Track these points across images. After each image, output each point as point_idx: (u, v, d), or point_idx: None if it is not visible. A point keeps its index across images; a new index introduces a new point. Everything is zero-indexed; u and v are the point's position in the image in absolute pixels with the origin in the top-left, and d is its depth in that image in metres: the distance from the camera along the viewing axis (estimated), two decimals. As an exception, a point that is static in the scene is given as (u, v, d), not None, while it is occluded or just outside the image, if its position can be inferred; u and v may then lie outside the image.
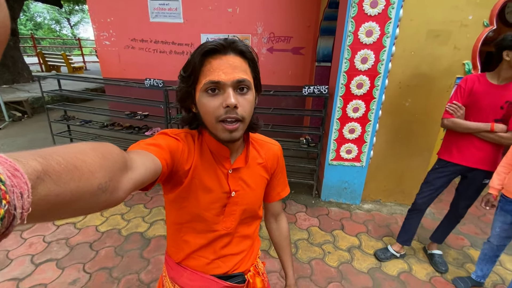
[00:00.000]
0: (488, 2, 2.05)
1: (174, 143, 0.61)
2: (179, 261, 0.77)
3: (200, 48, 0.58)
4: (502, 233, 1.61)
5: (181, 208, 0.70)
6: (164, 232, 2.30)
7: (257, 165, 0.75)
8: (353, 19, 2.16)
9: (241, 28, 4.19)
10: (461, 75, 2.25)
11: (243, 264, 0.81)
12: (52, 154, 0.26)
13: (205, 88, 0.58)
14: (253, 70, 0.62)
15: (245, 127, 0.63)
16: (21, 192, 0.21)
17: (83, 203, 0.29)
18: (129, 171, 0.40)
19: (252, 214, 0.78)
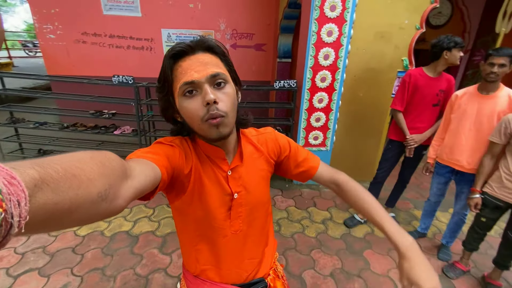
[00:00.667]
0: (419, 9, 2.53)
1: (171, 150, 0.60)
2: (197, 274, 0.76)
3: (167, 53, 0.59)
4: (437, 192, 2.09)
5: (188, 215, 0.69)
6: (151, 228, 2.33)
7: (255, 160, 0.73)
8: (316, 20, 2.45)
9: (204, 24, 4.23)
10: (401, 69, 2.74)
11: (262, 268, 0.79)
12: (49, 163, 0.26)
13: (182, 92, 0.57)
14: (226, 63, 0.62)
15: (231, 122, 0.61)
16: (18, 200, 0.20)
17: (83, 212, 0.29)
18: (128, 179, 0.39)
19: (261, 212, 0.76)
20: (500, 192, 1.61)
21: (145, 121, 3.08)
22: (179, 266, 1.93)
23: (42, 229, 0.26)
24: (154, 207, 2.63)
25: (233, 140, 0.69)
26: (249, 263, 0.76)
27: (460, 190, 1.94)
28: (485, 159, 1.66)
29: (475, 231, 1.83)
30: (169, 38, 4.31)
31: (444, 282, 1.89)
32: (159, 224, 2.39)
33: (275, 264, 0.87)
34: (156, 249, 2.10)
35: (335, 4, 2.39)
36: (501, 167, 1.61)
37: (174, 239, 2.20)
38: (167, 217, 2.48)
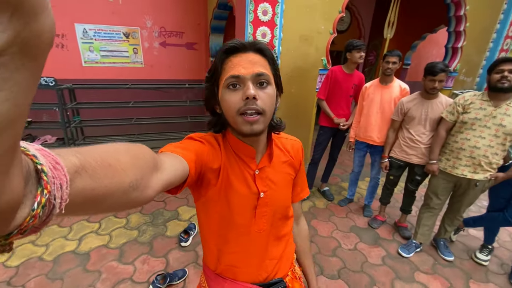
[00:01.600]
0: (331, 17, 3.06)
1: (200, 146, 0.62)
2: (218, 272, 0.77)
3: (222, 47, 0.63)
4: (359, 163, 2.65)
5: (213, 213, 0.70)
6: (101, 242, 2.15)
7: (282, 164, 0.75)
8: (251, 23, 2.69)
9: (127, 20, 3.94)
10: (322, 68, 3.25)
11: (281, 268, 0.80)
12: (89, 152, 0.28)
13: (227, 84, 0.60)
14: (272, 67, 0.65)
15: (266, 121, 0.63)
16: (61, 183, 0.22)
17: (115, 199, 0.31)
18: (158, 171, 0.41)
19: (284, 214, 0.78)
20: (400, 155, 2.20)
21: (72, 128, 2.73)
22: (146, 271, 1.89)
23: (79, 211, 0.28)
24: (99, 221, 2.41)
25: (263, 141, 0.71)
26: (269, 263, 0.77)
27: (374, 160, 2.52)
28: (389, 133, 2.24)
29: (386, 188, 2.43)
30: (85, 34, 3.84)
31: (370, 232, 2.43)
32: (110, 236, 2.22)
33: (294, 265, 0.89)
34: (115, 261, 1.97)
35: (266, 9, 2.68)
36: (400, 137, 2.20)
37: (132, 248, 2.10)
38: (118, 228, 2.33)
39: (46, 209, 0.21)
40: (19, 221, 0.20)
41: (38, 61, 0.17)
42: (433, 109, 1.97)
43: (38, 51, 0.17)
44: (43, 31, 0.17)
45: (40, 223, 0.22)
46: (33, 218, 0.20)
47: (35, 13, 0.16)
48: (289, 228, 0.84)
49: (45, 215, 0.21)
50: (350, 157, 4.09)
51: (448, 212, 2.13)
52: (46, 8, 0.17)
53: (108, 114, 3.28)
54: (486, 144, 1.71)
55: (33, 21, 0.16)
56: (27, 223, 0.20)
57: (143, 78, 4.21)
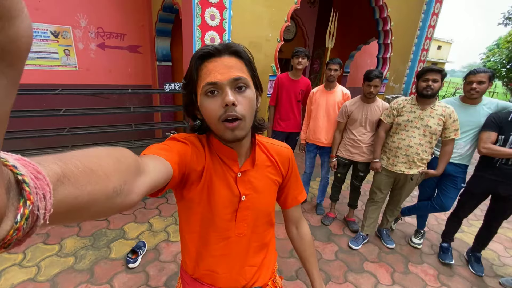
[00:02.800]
0: (277, 26, 3.18)
1: (183, 147, 0.61)
2: (196, 276, 0.76)
3: (195, 53, 0.62)
4: (310, 164, 2.77)
5: (194, 214, 0.69)
6: (27, 275, 1.81)
7: (266, 168, 0.74)
8: (199, 27, 2.62)
9: (56, 18, 3.49)
10: (271, 74, 3.34)
11: (261, 277, 0.79)
12: (70, 158, 0.27)
13: (204, 91, 0.59)
14: (249, 69, 0.64)
15: (248, 125, 0.62)
16: (44, 193, 0.21)
17: (100, 206, 0.30)
18: (142, 175, 0.40)
19: (265, 220, 0.76)
20: (345, 154, 2.37)
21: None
22: (86, 303, 1.64)
23: (63, 220, 0.27)
24: (23, 250, 2.03)
25: (246, 144, 0.70)
26: (249, 270, 0.76)
27: (323, 160, 2.67)
28: (335, 134, 2.40)
29: (335, 185, 2.59)
30: (0, 31, 3.27)
31: (323, 229, 2.55)
32: (39, 267, 1.89)
33: (275, 275, 0.87)
34: None
35: (214, 14, 2.65)
36: (344, 137, 2.38)
37: (67, 278, 1.81)
38: (49, 256, 1.99)
39: (30, 220, 0.21)
40: (2, 235, 0.19)
41: (16, 66, 0.17)
42: (372, 112, 2.18)
43: (15, 57, 0.17)
44: (20, 35, 0.16)
45: (24, 235, 0.21)
46: (16, 231, 0.20)
47: (10, 17, 0.15)
48: (271, 236, 0.83)
49: (28, 227, 0.21)
50: (301, 159, 4.26)
51: (389, 204, 2.36)
52: (21, 12, 0.16)
53: (34, 124, 2.82)
54: (417, 143, 1.94)
55: (9, 26, 0.16)
56: (11, 236, 0.19)
57: (77, 83, 3.77)
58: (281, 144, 0.80)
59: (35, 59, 3.55)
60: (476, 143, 1.97)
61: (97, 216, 0.31)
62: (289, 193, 0.82)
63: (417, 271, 2.11)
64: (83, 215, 0.29)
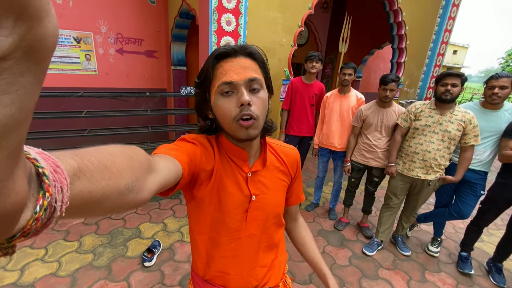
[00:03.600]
0: (291, 31, 3.22)
1: (192, 148, 0.62)
2: (207, 278, 0.75)
3: (212, 53, 0.62)
4: (323, 169, 2.76)
5: (205, 214, 0.69)
6: (49, 270, 1.88)
7: (276, 169, 0.75)
8: (215, 32, 2.69)
9: (78, 25, 3.65)
10: (285, 78, 3.37)
11: (272, 277, 0.79)
12: (86, 154, 0.28)
13: (220, 90, 0.60)
14: (263, 71, 0.65)
15: (260, 125, 0.63)
16: (61, 186, 0.22)
17: (112, 201, 0.31)
18: (153, 173, 0.41)
19: (275, 220, 0.77)
20: (360, 158, 2.36)
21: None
22: (104, 299, 1.69)
23: (77, 214, 0.28)
24: (45, 246, 2.11)
25: (256, 145, 0.71)
26: (260, 270, 0.76)
27: (336, 164, 2.66)
28: (350, 138, 2.39)
29: (349, 190, 2.57)
30: (28, 37, 3.45)
31: (336, 234, 2.53)
32: (60, 263, 1.96)
33: (285, 276, 0.87)
34: None
35: (230, 20, 2.71)
36: (359, 142, 2.36)
37: (86, 274, 1.87)
38: (69, 252, 2.06)
39: (48, 212, 0.21)
40: (23, 224, 0.20)
41: (42, 64, 0.17)
42: (388, 116, 2.16)
43: (42, 55, 0.17)
44: (47, 35, 0.17)
45: (42, 226, 0.22)
46: (35, 221, 0.21)
47: (39, 18, 0.16)
48: (281, 237, 0.83)
49: (46, 218, 0.22)
50: (314, 164, 4.25)
51: (404, 211, 2.31)
52: (49, 13, 0.17)
53: (57, 125, 2.94)
54: (435, 148, 1.91)
55: (37, 26, 0.16)
56: (30, 226, 0.20)
57: (97, 87, 3.91)
58: (288, 146, 0.81)
59: (58, 64, 3.72)
60: (497, 150, 1.92)
61: (109, 211, 0.32)
62: (293, 193, 0.84)
63: (435, 279, 2.06)
64: (97, 209, 0.30)
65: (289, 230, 0.91)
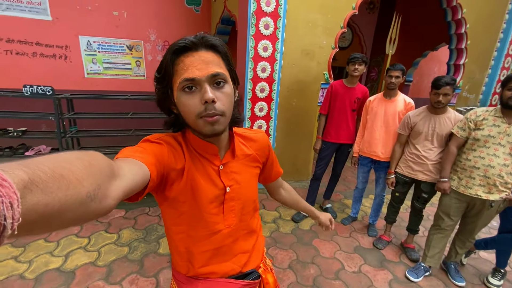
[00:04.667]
0: (332, 33, 3.07)
1: (158, 148, 0.60)
2: (191, 274, 0.75)
3: (170, 47, 0.59)
4: (363, 179, 2.54)
5: (181, 214, 0.68)
6: (89, 259, 2.02)
7: (246, 157, 0.76)
8: (253, 37, 2.68)
9: (131, 34, 3.99)
10: (323, 81, 3.23)
11: (253, 260, 0.81)
12: (37, 164, 0.26)
13: (182, 87, 0.58)
14: (227, 63, 0.62)
15: (227, 120, 0.62)
16: (11, 202, 0.20)
17: (73, 212, 0.29)
18: (117, 178, 0.39)
19: (251, 207, 0.78)
20: (406, 171, 2.11)
21: (68, 138, 2.67)
22: (134, 293, 1.75)
23: (33, 231, 0.25)
24: (88, 236, 2.28)
25: (225, 137, 0.70)
26: (242, 256, 0.78)
27: (378, 176, 2.42)
28: (395, 147, 2.15)
29: (392, 206, 2.31)
30: (89, 46, 3.88)
31: (375, 253, 2.29)
32: (99, 253, 2.09)
33: (265, 258, 0.90)
34: (101, 280, 1.83)
35: (268, 23, 2.68)
36: (406, 152, 2.12)
37: (121, 266, 1.97)
38: (108, 244, 2.20)
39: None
40: None
41: None
42: (441, 124, 1.90)
43: None
44: None
45: None
46: None
47: None
48: (257, 221, 0.85)
49: None
50: (353, 173, 3.98)
51: (459, 234, 2.00)
52: None
53: (107, 125, 3.22)
54: (501, 163, 1.61)
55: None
56: None
57: (144, 91, 4.21)
58: (256, 132, 0.81)
59: (113, 70, 4.10)
60: None
61: (71, 223, 0.30)
62: (272, 171, 0.88)
63: (498, 320, 1.72)
64: (56, 223, 0.27)
65: (281, 196, 1.00)
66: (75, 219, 0.30)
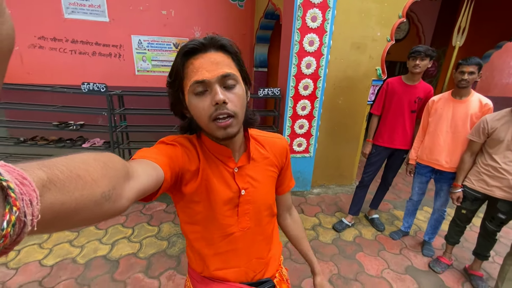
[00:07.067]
0: (389, 23, 2.75)
1: (172, 150, 0.60)
2: (205, 274, 0.75)
3: (180, 50, 0.58)
4: (419, 191, 2.22)
5: (196, 214, 0.68)
6: (132, 249, 2.11)
7: (263, 161, 0.74)
8: (298, 30, 2.52)
9: (177, 32, 4.11)
10: (375, 78, 2.92)
11: (269, 268, 0.80)
12: (56, 164, 0.27)
13: (192, 90, 0.57)
14: (237, 63, 0.62)
15: (240, 122, 0.61)
16: (30, 199, 0.21)
17: (88, 212, 0.29)
18: (131, 179, 0.40)
19: (267, 212, 0.76)
20: (478, 185, 1.77)
21: (118, 132, 2.83)
22: (170, 289, 1.77)
23: (50, 228, 0.26)
24: (133, 226, 2.40)
25: (240, 139, 0.69)
26: (256, 262, 0.76)
27: (439, 188, 2.09)
28: (465, 156, 1.82)
29: (456, 224, 1.97)
30: (140, 45, 4.10)
31: (431, 276, 1.99)
32: (141, 245, 2.17)
33: (281, 267, 0.87)
34: (141, 273, 1.89)
35: (316, 15, 2.49)
36: (478, 162, 1.77)
37: (160, 260, 2.01)
38: (150, 236, 2.28)
39: (17, 227, 0.20)
40: None
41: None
42: (530, 131, 1.54)
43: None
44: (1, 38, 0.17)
45: (11, 243, 0.21)
46: (3, 238, 0.19)
47: None
48: (274, 226, 0.83)
49: (16, 234, 0.20)
50: (405, 181, 3.58)
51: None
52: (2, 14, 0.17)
53: (154, 121, 3.36)
54: None
55: None
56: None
57: (188, 87, 4.32)
58: (274, 136, 0.79)
59: (161, 67, 4.28)
60: None
61: (86, 222, 0.31)
62: (284, 181, 0.83)
63: None
64: (72, 221, 0.28)
65: (285, 224, 0.91)
66: (90, 218, 0.31)
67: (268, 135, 0.78)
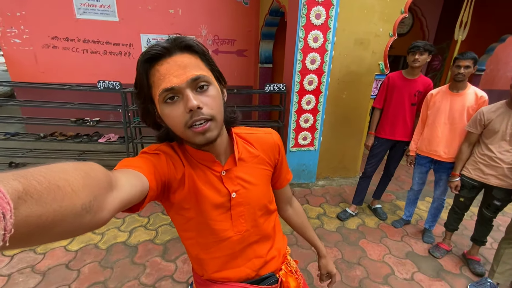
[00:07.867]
0: (391, 19, 2.82)
1: (156, 159, 0.58)
2: (206, 278, 0.75)
3: (141, 57, 0.53)
4: (419, 181, 2.33)
5: (188, 220, 0.66)
6: (149, 236, 2.26)
7: (253, 159, 0.71)
8: (303, 27, 2.61)
9: (184, 30, 4.21)
10: (378, 73, 3.00)
11: (271, 264, 0.78)
12: (33, 174, 0.25)
13: (162, 99, 0.53)
14: (207, 63, 0.57)
15: (219, 124, 0.58)
16: (3, 212, 0.20)
17: (67, 224, 0.28)
18: (114, 190, 0.38)
19: (263, 211, 0.73)
20: (475, 173, 1.87)
21: (132, 128, 2.98)
22: (186, 272, 1.91)
23: (25, 242, 0.25)
24: (148, 216, 2.55)
25: (224, 142, 0.66)
26: (257, 261, 0.75)
27: (438, 178, 2.19)
28: (463, 146, 1.92)
29: (455, 212, 2.08)
30: (148, 43, 4.22)
31: (431, 261, 2.10)
32: (157, 232, 2.33)
33: (287, 259, 0.85)
34: (159, 257, 2.04)
35: (320, 13, 2.58)
36: (475, 152, 1.87)
37: (175, 246, 2.16)
38: (164, 225, 2.43)
39: None
40: None
41: None
42: (524, 122, 1.63)
43: None
44: None
45: None
46: None
47: None
48: (274, 224, 0.80)
49: None
50: (407, 172, 3.67)
51: (540, 250, 1.71)
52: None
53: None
54: None
55: None
56: None
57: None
58: (263, 132, 0.75)
59: (168, 64, 4.41)
60: None
61: (65, 236, 0.29)
62: (280, 176, 0.81)
63: None
64: (49, 234, 0.27)
65: (288, 215, 0.91)
66: (70, 231, 0.29)
67: (256, 132, 0.74)
